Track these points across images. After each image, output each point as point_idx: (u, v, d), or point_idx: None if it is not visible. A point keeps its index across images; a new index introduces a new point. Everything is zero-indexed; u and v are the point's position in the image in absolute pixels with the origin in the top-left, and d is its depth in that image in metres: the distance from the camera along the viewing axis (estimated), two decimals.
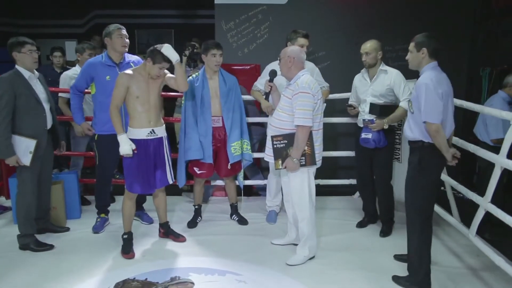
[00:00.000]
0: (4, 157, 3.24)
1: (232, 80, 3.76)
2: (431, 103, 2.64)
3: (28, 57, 3.26)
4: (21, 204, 3.36)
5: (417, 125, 2.76)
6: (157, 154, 3.29)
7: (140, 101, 3.16)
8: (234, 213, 4.03)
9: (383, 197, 3.73)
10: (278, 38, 4.64)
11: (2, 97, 3.16)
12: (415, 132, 2.78)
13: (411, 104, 2.79)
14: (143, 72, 3.19)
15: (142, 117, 3.19)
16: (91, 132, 3.72)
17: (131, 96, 3.15)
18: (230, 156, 3.73)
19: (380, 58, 3.54)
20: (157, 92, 3.26)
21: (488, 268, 3.13)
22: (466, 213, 3.56)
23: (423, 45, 2.76)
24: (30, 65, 3.29)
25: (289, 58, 3.08)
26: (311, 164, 3.07)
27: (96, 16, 8.83)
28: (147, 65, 3.16)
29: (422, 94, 2.66)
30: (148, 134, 3.21)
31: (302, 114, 2.95)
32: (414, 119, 2.78)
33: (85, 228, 3.79)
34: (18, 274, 3.04)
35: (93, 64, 3.56)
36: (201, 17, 8.60)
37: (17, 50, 3.24)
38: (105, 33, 3.55)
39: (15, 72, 3.26)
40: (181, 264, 3.19)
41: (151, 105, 3.21)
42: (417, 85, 2.72)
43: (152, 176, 3.30)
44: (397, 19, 4.87)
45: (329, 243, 3.55)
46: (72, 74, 4.25)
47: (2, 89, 3.17)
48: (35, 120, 3.31)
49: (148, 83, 3.19)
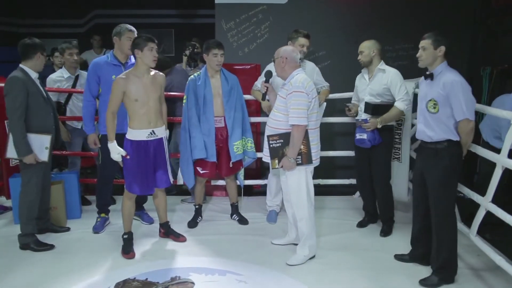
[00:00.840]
0: (23, 155, 3.25)
1: (233, 79, 3.76)
2: (470, 101, 2.65)
3: (41, 61, 3.33)
4: (24, 203, 3.37)
5: (441, 124, 2.74)
6: (157, 155, 3.28)
7: (139, 104, 3.13)
8: (234, 213, 4.03)
9: (382, 197, 3.73)
10: (278, 37, 4.64)
11: (17, 97, 3.18)
12: (439, 132, 2.76)
13: (433, 104, 2.75)
14: (138, 72, 3.16)
15: (142, 119, 3.17)
16: (96, 147, 3.69)
17: (129, 99, 3.12)
18: (232, 155, 3.73)
19: (377, 57, 3.52)
20: (156, 94, 3.23)
21: (489, 268, 3.13)
22: (467, 213, 3.55)
23: (441, 43, 2.74)
24: (40, 67, 3.35)
25: (281, 58, 3.09)
26: (307, 162, 3.07)
27: (96, 16, 8.82)
28: (139, 58, 3.12)
29: (459, 92, 2.63)
30: (148, 135, 3.20)
31: (296, 113, 2.95)
32: (437, 118, 2.75)
33: (85, 228, 3.79)
34: (18, 274, 3.04)
35: (99, 64, 3.54)
36: (201, 16, 8.59)
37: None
38: (114, 32, 3.55)
39: (22, 71, 3.27)
40: (182, 264, 3.19)
41: (151, 106, 3.19)
42: (447, 83, 2.67)
43: (152, 177, 3.29)
44: (397, 19, 4.87)
45: (329, 243, 3.55)
46: (56, 77, 4.17)
47: (17, 88, 3.19)
48: (44, 119, 3.35)
49: (145, 85, 3.16)
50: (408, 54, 4.94)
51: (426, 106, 2.82)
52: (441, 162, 2.79)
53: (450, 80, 2.67)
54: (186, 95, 3.70)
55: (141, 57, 3.12)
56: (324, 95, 3.91)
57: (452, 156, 2.77)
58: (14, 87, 3.19)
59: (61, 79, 4.15)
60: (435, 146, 2.81)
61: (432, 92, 2.78)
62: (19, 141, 3.22)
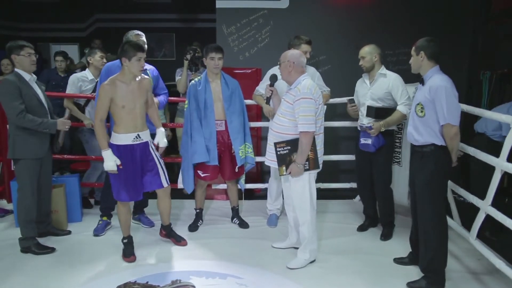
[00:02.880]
0: (56, 127, 3.35)
1: (234, 84, 3.78)
2: (453, 106, 2.67)
3: (26, 60, 3.30)
4: (21, 207, 3.38)
5: (428, 128, 2.77)
6: (144, 159, 3.26)
7: (126, 110, 3.12)
8: (235, 217, 4.04)
9: (383, 201, 3.74)
10: (279, 42, 4.66)
11: (12, 95, 3.20)
12: (425, 135, 2.79)
13: (420, 108, 2.79)
14: (125, 79, 3.13)
15: (128, 123, 3.15)
16: None
17: (116, 106, 3.10)
18: (238, 159, 3.74)
19: (378, 62, 3.55)
20: (143, 99, 3.21)
21: (489, 272, 3.14)
22: (467, 216, 3.55)
23: (421, 48, 2.82)
24: (28, 67, 3.33)
25: (289, 62, 3.09)
26: (314, 168, 3.09)
27: (98, 20, 8.87)
28: (125, 66, 3.10)
29: (442, 97, 2.66)
30: (134, 139, 3.18)
31: (305, 120, 2.96)
32: (425, 122, 2.78)
33: (86, 231, 3.80)
34: (19, 277, 3.05)
35: (111, 68, 3.57)
36: (202, 21, 8.64)
37: (16, 53, 3.28)
38: (125, 38, 3.62)
39: (16, 74, 3.30)
40: (182, 267, 3.20)
41: (137, 112, 3.18)
42: (433, 88, 2.70)
43: (140, 182, 3.27)
44: (397, 23, 4.89)
45: (330, 247, 3.55)
46: (80, 76, 4.26)
47: (10, 89, 3.21)
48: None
49: (133, 91, 3.14)
50: (408, 59, 4.92)
51: (415, 110, 2.87)
52: (426, 165, 2.82)
53: (435, 84, 2.71)
54: (188, 100, 3.71)
55: (128, 66, 3.09)
56: (324, 99, 3.92)
57: (438, 160, 2.79)
58: (7, 88, 3.22)
59: (85, 79, 4.22)
60: (421, 150, 2.85)
61: (420, 96, 2.83)
62: (41, 124, 3.27)
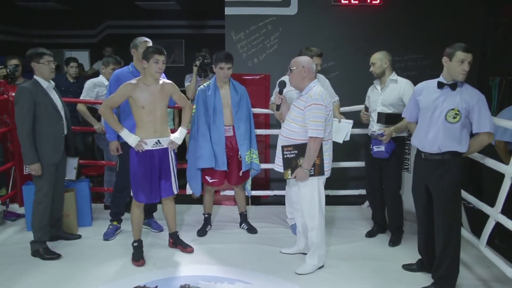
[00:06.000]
0: (29, 163, 3.33)
1: (242, 90, 3.81)
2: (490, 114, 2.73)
3: (46, 68, 3.36)
4: (36, 211, 3.42)
5: (454, 136, 2.76)
6: (162, 164, 3.31)
7: (145, 111, 3.19)
8: (243, 222, 4.05)
9: (392, 207, 3.73)
10: (287, 48, 4.69)
11: (24, 106, 3.26)
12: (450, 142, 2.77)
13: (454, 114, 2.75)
14: (146, 81, 3.22)
15: (148, 127, 3.22)
16: (118, 153, 3.69)
17: (136, 106, 3.19)
18: (244, 164, 3.76)
19: (389, 68, 3.56)
20: (164, 102, 3.29)
21: (499, 280, 3.11)
22: (476, 223, 3.54)
23: None
24: (48, 75, 3.39)
25: (303, 68, 3.10)
26: (319, 174, 3.09)
27: (108, 26, 8.97)
28: (145, 68, 3.20)
29: (484, 105, 2.71)
30: (154, 144, 3.25)
31: (315, 126, 2.98)
32: (452, 129, 2.76)
33: (96, 235, 3.83)
34: (29, 281, 3.07)
35: (121, 74, 3.61)
36: (212, 27, 8.70)
37: (36, 60, 3.34)
38: (132, 44, 3.67)
39: (34, 82, 3.36)
40: (191, 272, 3.21)
41: (157, 115, 3.24)
42: (474, 96, 2.72)
43: (157, 186, 3.32)
44: (405, 30, 4.89)
45: (338, 252, 3.55)
46: (97, 81, 4.38)
47: (24, 98, 3.27)
48: (54, 127, 3.41)
49: (154, 93, 3.21)
50: (417, 65, 4.96)
51: (445, 117, 2.77)
52: (448, 173, 2.80)
53: (476, 93, 2.73)
54: (196, 105, 3.75)
55: (147, 68, 3.19)
56: (337, 111, 3.93)
57: (460, 167, 2.80)
58: (20, 96, 3.28)
59: (101, 84, 4.33)
60: (442, 157, 2.82)
61: (452, 103, 2.76)
62: (26, 149, 3.30)
